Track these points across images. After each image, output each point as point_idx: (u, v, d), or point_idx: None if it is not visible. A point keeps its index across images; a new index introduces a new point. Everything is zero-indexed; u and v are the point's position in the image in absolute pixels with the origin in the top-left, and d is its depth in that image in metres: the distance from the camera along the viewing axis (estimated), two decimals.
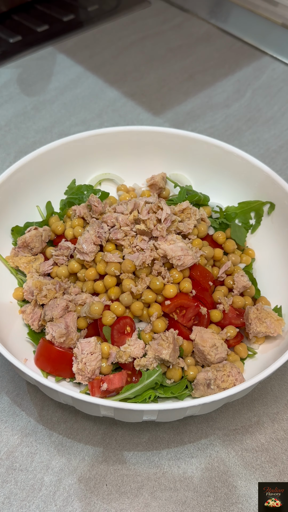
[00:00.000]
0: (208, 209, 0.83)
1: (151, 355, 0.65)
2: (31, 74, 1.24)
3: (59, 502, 0.62)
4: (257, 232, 0.84)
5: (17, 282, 0.77)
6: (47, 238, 0.79)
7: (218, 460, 0.66)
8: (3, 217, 0.78)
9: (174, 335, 0.66)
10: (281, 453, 0.67)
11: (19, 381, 0.73)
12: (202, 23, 1.41)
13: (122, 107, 1.17)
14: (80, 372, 0.64)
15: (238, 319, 0.72)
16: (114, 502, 0.62)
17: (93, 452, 0.66)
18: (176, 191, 0.87)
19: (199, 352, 0.67)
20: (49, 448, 0.67)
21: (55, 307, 0.68)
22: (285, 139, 1.09)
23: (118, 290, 0.70)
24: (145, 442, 0.68)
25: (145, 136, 0.86)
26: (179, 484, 0.64)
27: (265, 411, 0.71)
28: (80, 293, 0.72)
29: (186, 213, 0.76)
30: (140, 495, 0.63)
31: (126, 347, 0.66)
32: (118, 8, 1.48)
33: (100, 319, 0.68)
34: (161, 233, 0.70)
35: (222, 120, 1.14)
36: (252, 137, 1.10)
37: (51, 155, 0.82)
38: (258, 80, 1.24)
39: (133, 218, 0.73)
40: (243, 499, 0.63)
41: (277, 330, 0.69)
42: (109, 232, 0.73)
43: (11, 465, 0.65)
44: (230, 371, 0.64)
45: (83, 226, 0.78)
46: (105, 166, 0.89)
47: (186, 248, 0.70)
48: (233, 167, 0.84)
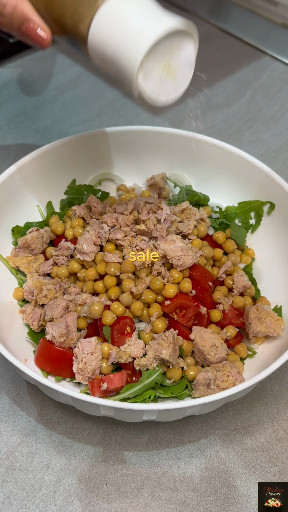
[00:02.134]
0: (208, 209, 0.83)
1: (151, 355, 0.65)
2: (31, 74, 1.24)
3: (59, 502, 0.62)
4: (257, 232, 0.84)
5: (17, 282, 0.77)
6: (48, 239, 0.79)
7: (218, 460, 0.66)
8: (3, 217, 0.78)
9: (174, 335, 0.66)
10: (281, 453, 0.67)
11: (19, 381, 0.73)
12: (202, 23, 1.41)
13: (122, 107, 1.17)
14: (80, 372, 0.64)
15: (238, 319, 0.72)
16: (114, 502, 0.62)
17: (93, 452, 0.66)
18: (176, 191, 0.87)
19: (199, 352, 0.67)
20: (49, 448, 0.67)
21: (55, 307, 0.68)
22: (285, 139, 1.09)
23: (118, 290, 0.70)
24: (145, 442, 0.68)
25: (145, 136, 0.86)
26: (179, 484, 0.64)
27: (265, 411, 0.71)
28: (80, 293, 0.72)
29: (186, 213, 0.76)
30: (140, 495, 0.63)
31: (126, 347, 0.66)
32: None
33: (100, 319, 0.68)
34: (161, 233, 0.70)
35: (222, 120, 1.14)
36: (252, 137, 1.10)
37: (51, 155, 0.82)
38: (258, 80, 1.24)
39: (133, 218, 0.73)
40: (243, 499, 0.63)
41: (277, 330, 0.69)
42: (109, 232, 0.73)
43: (11, 465, 0.65)
44: (230, 371, 0.64)
45: (83, 226, 0.78)
46: (105, 166, 0.89)
47: (186, 248, 0.70)
48: (233, 167, 0.84)
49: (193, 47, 0.53)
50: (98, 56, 0.53)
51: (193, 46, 0.53)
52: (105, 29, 0.51)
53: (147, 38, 0.49)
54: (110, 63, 0.53)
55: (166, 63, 0.53)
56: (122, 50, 0.51)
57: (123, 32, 0.50)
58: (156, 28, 0.49)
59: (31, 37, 0.55)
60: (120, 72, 0.52)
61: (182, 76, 0.55)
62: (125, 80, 0.53)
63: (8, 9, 0.53)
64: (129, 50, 0.50)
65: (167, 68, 0.53)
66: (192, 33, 0.52)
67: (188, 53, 0.54)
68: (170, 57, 0.52)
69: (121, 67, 0.52)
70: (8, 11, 0.54)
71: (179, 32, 0.51)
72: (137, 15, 0.51)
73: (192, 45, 0.53)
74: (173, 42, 0.51)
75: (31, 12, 0.54)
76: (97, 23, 0.51)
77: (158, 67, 0.52)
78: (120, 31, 0.50)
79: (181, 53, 0.53)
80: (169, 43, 0.51)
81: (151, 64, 0.51)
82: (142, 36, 0.50)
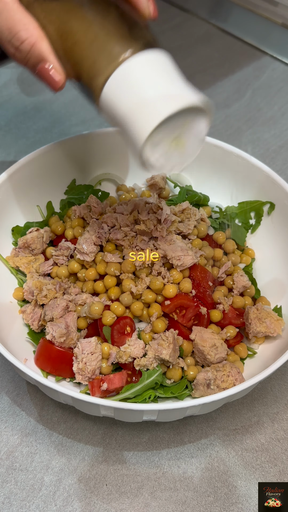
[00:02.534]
0: (208, 209, 0.83)
1: (151, 355, 0.65)
2: (31, 74, 1.24)
3: (59, 502, 0.62)
4: (257, 232, 0.84)
5: (17, 282, 0.77)
6: (48, 239, 0.79)
7: (218, 460, 0.66)
8: (3, 217, 0.78)
9: (174, 335, 0.66)
10: (281, 453, 0.67)
11: (19, 381, 0.73)
12: (202, 23, 1.41)
13: None
14: (80, 372, 0.64)
15: (238, 319, 0.72)
16: (114, 502, 0.62)
17: (93, 452, 0.66)
18: (176, 191, 0.87)
19: (199, 352, 0.67)
20: (49, 448, 0.67)
21: (55, 307, 0.68)
22: (285, 139, 1.09)
23: (118, 290, 0.70)
24: (145, 442, 0.68)
25: None
26: (179, 484, 0.64)
27: (265, 411, 0.71)
28: (80, 293, 0.72)
29: (186, 214, 0.76)
30: (140, 495, 0.63)
31: (126, 347, 0.66)
32: None
33: (100, 319, 0.68)
34: (161, 233, 0.70)
35: (222, 120, 1.14)
36: (252, 137, 1.10)
37: (51, 155, 0.82)
38: (258, 80, 1.24)
39: (133, 218, 0.73)
40: (243, 499, 0.63)
41: (277, 330, 0.69)
42: (109, 232, 0.73)
43: (11, 465, 0.65)
44: (230, 371, 0.64)
45: (83, 227, 0.78)
46: (105, 166, 0.89)
47: (186, 248, 0.70)
48: (233, 167, 0.84)
49: (206, 124, 0.52)
50: (108, 114, 0.51)
51: (206, 123, 0.52)
52: (119, 91, 0.49)
53: (159, 113, 0.47)
54: (119, 124, 0.51)
55: (176, 136, 0.51)
56: (132, 118, 0.49)
57: (136, 100, 0.48)
58: (170, 105, 0.47)
59: (44, 78, 0.53)
60: (127, 136, 0.50)
61: (190, 150, 0.54)
62: (132, 146, 0.51)
63: (25, 46, 0.51)
64: (140, 120, 0.48)
65: (175, 141, 0.52)
66: (208, 110, 0.50)
67: (200, 129, 0.52)
68: (181, 131, 0.51)
69: (129, 133, 0.50)
70: (25, 48, 0.52)
71: (194, 108, 0.49)
72: (154, 85, 0.48)
73: (205, 122, 0.51)
74: (186, 117, 0.50)
75: (49, 53, 0.52)
76: (112, 82, 0.49)
77: (167, 139, 0.51)
78: (133, 98, 0.48)
79: (193, 128, 0.51)
80: (183, 118, 0.49)
81: (160, 136, 0.49)
82: (154, 110, 0.47)
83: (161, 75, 0.49)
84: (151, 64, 0.49)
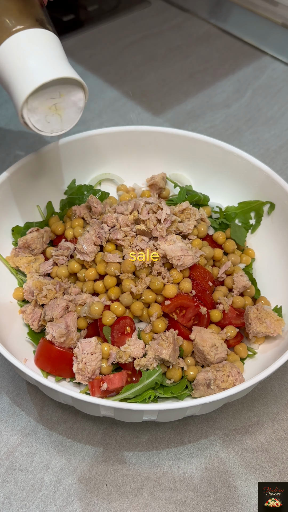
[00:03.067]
0: (208, 209, 0.83)
1: (151, 355, 0.65)
2: None
3: (59, 502, 0.62)
4: (257, 232, 0.84)
5: (17, 282, 0.77)
6: (48, 239, 0.79)
7: (218, 460, 0.66)
8: (3, 217, 0.78)
9: (174, 335, 0.66)
10: (281, 453, 0.67)
11: (19, 381, 0.73)
12: (202, 23, 1.41)
13: (122, 107, 1.17)
14: (80, 372, 0.64)
15: (238, 319, 0.72)
16: (114, 502, 0.62)
17: (93, 452, 0.66)
18: (176, 191, 0.87)
19: (199, 352, 0.67)
20: (49, 448, 0.67)
21: (55, 307, 0.68)
22: (285, 139, 1.09)
23: (118, 290, 0.70)
24: (145, 442, 0.68)
25: (145, 136, 0.86)
26: (179, 484, 0.64)
27: (265, 411, 0.71)
28: (80, 293, 0.72)
29: (186, 213, 0.76)
30: (140, 495, 0.63)
31: (126, 347, 0.66)
32: (118, 8, 1.48)
33: (100, 319, 0.68)
34: (161, 233, 0.70)
35: (222, 120, 1.14)
36: (252, 137, 1.10)
37: (51, 155, 0.82)
38: (258, 80, 1.24)
39: (133, 218, 0.73)
40: (243, 499, 0.63)
41: (277, 330, 0.69)
42: (109, 232, 0.73)
43: (11, 465, 0.65)
44: (230, 371, 0.64)
45: (83, 227, 0.78)
46: (105, 166, 0.89)
47: (186, 248, 0.70)
48: (233, 167, 0.84)
49: (82, 95, 0.61)
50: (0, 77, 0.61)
51: (82, 95, 0.61)
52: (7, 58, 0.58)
53: (35, 80, 0.56)
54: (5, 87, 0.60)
55: (55, 104, 0.60)
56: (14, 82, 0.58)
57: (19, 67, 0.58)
58: (46, 74, 0.56)
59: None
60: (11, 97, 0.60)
61: (68, 116, 0.63)
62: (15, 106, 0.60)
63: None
64: (20, 84, 0.58)
65: (53, 108, 0.60)
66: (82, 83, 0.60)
67: (77, 99, 0.61)
68: (59, 100, 0.60)
69: (12, 95, 0.59)
70: None
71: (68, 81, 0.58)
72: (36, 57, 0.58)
73: (81, 93, 0.61)
74: (62, 88, 0.59)
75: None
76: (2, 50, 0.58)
77: (44, 106, 0.59)
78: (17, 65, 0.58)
79: (70, 98, 0.61)
80: (58, 88, 0.58)
81: (37, 103, 0.58)
82: (31, 77, 0.57)
83: (43, 50, 0.59)
84: (37, 40, 0.58)
